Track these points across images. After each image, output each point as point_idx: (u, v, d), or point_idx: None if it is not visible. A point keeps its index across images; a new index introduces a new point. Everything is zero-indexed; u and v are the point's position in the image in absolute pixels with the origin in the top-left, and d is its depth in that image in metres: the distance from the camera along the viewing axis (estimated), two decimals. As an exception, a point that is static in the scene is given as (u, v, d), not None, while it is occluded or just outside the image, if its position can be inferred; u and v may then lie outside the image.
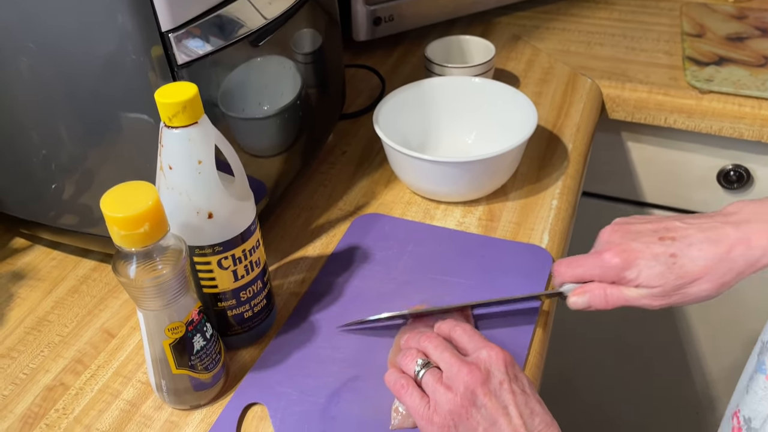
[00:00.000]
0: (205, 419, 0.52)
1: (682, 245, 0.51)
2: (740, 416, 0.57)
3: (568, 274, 0.55)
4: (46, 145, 0.58)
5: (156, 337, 0.48)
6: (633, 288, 0.52)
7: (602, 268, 0.53)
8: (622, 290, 0.53)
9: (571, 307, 0.55)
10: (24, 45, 0.52)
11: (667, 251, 0.51)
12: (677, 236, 0.52)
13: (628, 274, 0.52)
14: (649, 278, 0.51)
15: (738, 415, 0.57)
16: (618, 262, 0.52)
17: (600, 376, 1.23)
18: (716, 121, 0.85)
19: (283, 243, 0.68)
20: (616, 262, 0.52)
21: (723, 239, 0.51)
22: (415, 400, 0.48)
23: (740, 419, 0.57)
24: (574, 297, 0.54)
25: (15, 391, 0.55)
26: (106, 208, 0.42)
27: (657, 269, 0.51)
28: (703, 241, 0.51)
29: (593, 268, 0.53)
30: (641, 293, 0.52)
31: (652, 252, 0.51)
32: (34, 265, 0.67)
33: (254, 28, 0.57)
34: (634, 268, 0.52)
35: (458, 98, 0.77)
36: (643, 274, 0.51)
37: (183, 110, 0.45)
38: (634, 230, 0.54)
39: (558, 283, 0.56)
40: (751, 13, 1.01)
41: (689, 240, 0.51)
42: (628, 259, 0.52)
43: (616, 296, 0.53)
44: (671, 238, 0.52)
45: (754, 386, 0.55)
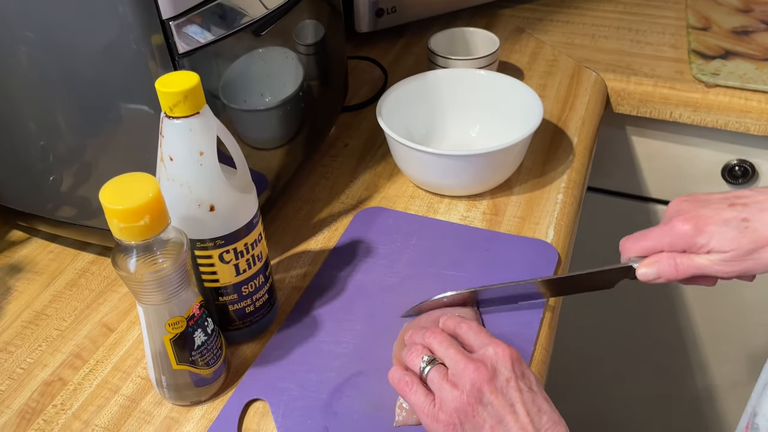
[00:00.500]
0: (205, 415, 0.51)
1: (753, 210, 0.50)
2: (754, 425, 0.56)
3: (635, 248, 0.53)
4: (45, 135, 0.57)
5: (156, 332, 0.47)
6: (704, 255, 0.50)
7: (672, 236, 0.51)
8: (692, 258, 0.51)
9: (640, 279, 0.53)
10: (23, 34, 0.51)
11: (738, 216, 0.50)
12: (749, 202, 0.50)
13: (699, 240, 0.50)
14: (721, 243, 0.49)
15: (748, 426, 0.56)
16: (688, 228, 0.50)
17: (600, 375, 1.23)
18: (722, 116, 0.84)
19: (284, 236, 0.67)
20: (686, 228, 0.50)
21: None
22: (420, 398, 0.47)
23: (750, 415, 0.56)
24: (644, 268, 0.52)
25: (12, 386, 0.54)
26: (106, 200, 0.41)
27: (729, 234, 0.49)
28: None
29: (662, 237, 0.52)
30: (713, 259, 0.50)
31: (723, 217, 0.50)
32: (32, 258, 0.66)
33: (256, 17, 0.56)
34: (705, 234, 0.50)
35: (462, 91, 0.76)
36: (715, 239, 0.49)
37: (184, 100, 0.44)
38: (703, 198, 0.52)
39: (625, 259, 0.54)
40: (757, 6, 1.00)
41: (761, 205, 0.50)
42: (698, 225, 0.50)
43: (687, 264, 0.51)
44: (742, 204, 0.50)
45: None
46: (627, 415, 1.27)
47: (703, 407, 1.19)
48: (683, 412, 1.22)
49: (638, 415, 1.26)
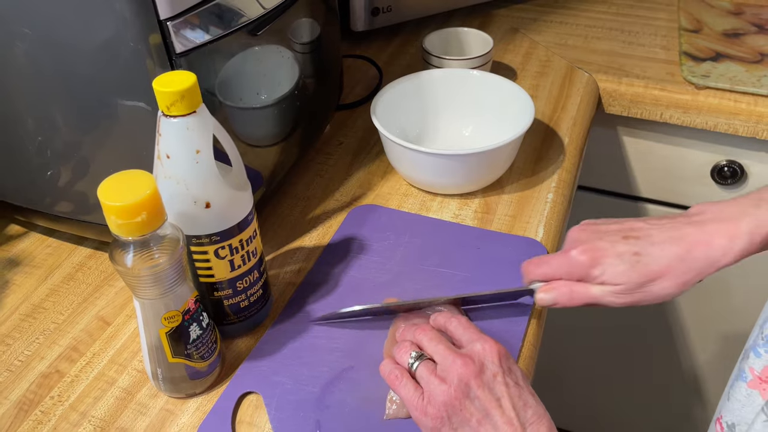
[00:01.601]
0: (200, 407, 0.52)
1: (645, 244, 0.52)
2: (723, 422, 0.58)
3: (536, 273, 0.56)
4: (42, 132, 0.57)
5: (152, 325, 0.48)
6: (598, 285, 0.53)
7: (569, 265, 0.54)
8: (587, 287, 0.53)
9: (537, 303, 0.55)
10: (20, 31, 0.52)
11: (630, 250, 0.52)
12: (641, 236, 0.53)
13: (593, 272, 0.53)
14: (614, 276, 0.52)
15: (720, 422, 0.58)
16: (584, 259, 0.53)
17: (589, 375, 1.24)
18: (712, 117, 0.86)
19: (279, 233, 0.68)
20: (582, 259, 0.53)
21: (684, 239, 0.52)
22: (409, 392, 0.48)
23: (723, 425, 0.57)
24: (541, 294, 0.55)
25: (10, 377, 0.55)
26: (104, 197, 0.42)
27: (621, 267, 0.52)
28: (665, 241, 0.52)
29: (560, 266, 0.54)
30: (605, 290, 0.53)
31: (616, 250, 0.52)
32: (29, 252, 0.67)
33: (253, 17, 0.57)
34: (599, 266, 0.52)
35: (456, 90, 0.77)
36: (608, 271, 0.52)
37: (181, 99, 0.45)
38: (600, 230, 0.55)
39: (527, 281, 0.57)
40: (748, 9, 1.01)
41: (652, 239, 0.52)
42: (594, 256, 0.53)
43: (582, 293, 0.54)
44: (635, 237, 0.53)
45: (736, 393, 0.55)
46: (614, 408, 1.29)
47: (690, 402, 1.21)
48: (670, 407, 1.24)
49: (625, 409, 1.28)
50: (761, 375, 0.54)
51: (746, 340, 0.58)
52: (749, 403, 0.55)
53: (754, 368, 0.54)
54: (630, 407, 1.27)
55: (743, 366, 0.56)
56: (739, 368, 0.57)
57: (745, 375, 0.55)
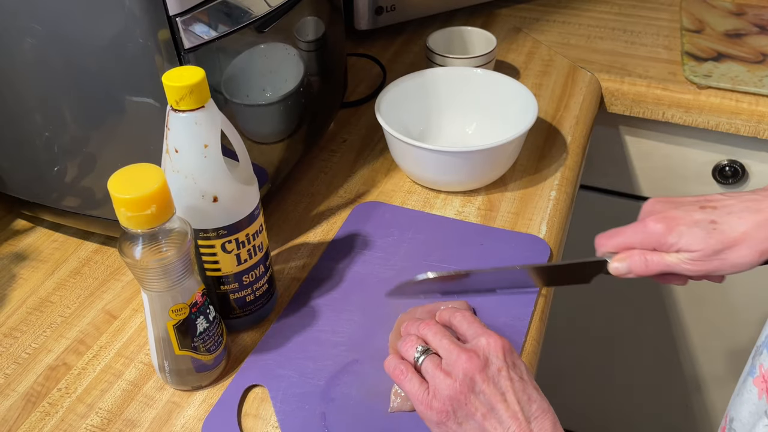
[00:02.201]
0: (206, 400, 0.53)
1: (722, 213, 0.52)
2: (728, 417, 0.58)
3: (609, 244, 0.55)
4: (50, 127, 0.58)
5: (160, 318, 0.49)
6: (674, 253, 0.53)
7: (644, 233, 0.53)
8: (662, 255, 0.53)
9: (612, 273, 0.55)
10: (30, 26, 0.52)
11: (707, 218, 0.52)
12: (718, 205, 0.53)
13: (669, 239, 0.52)
14: (690, 242, 0.52)
15: (727, 416, 0.58)
16: (660, 227, 0.53)
17: (591, 374, 1.25)
18: (713, 117, 0.86)
19: (284, 229, 0.68)
20: (658, 227, 0.53)
21: (763, 209, 0.52)
22: (414, 386, 0.48)
23: (727, 419, 0.58)
24: (616, 263, 0.54)
25: (17, 370, 0.56)
26: (114, 190, 0.43)
27: (698, 234, 0.52)
28: (743, 210, 0.52)
29: (635, 234, 0.54)
30: (681, 258, 0.52)
31: (692, 218, 0.52)
32: (36, 247, 0.67)
33: (259, 14, 0.57)
34: (674, 233, 0.52)
35: (460, 89, 0.78)
36: (684, 238, 0.52)
37: (190, 94, 0.45)
38: (676, 201, 0.55)
39: (600, 253, 0.56)
40: (750, 10, 1.02)
41: (729, 209, 0.52)
42: (670, 225, 0.52)
43: (657, 261, 0.53)
44: (712, 207, 0.53)
45: (743, 389, 0.56)
46: (616, 409, 1.29)
47: (691, 401, 1.21)
48: (672, 406, 1.24)
49: (628, 409, 1.28)
50: (765, 373, 0.54)
51: (747, 340, 0.58)
52: (748, 400, 0.55)
53: (764, 365, 0.54)
54: (631, 407, 1.27)
55: (755, 362, 0.56)
56: (751, 364, 0.57)
57: (755, 371, 0.55)
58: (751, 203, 0.52)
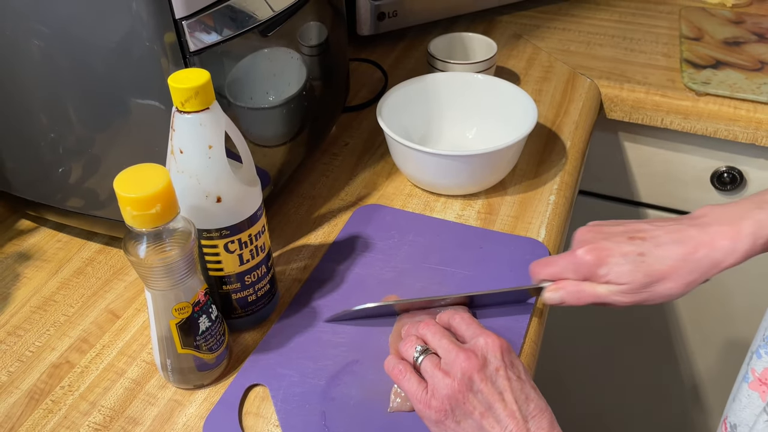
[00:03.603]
0: (208, 398, 0.53)
1: (650, 245, 0.54)
2: (728, 423, 0.58)
3: (543, 273, 0.57)
4: (56, 128, 0.59)
5: (163, 316, 0.49)
6: (604, 285, 0.54)
7: (576, 264, 0.55)
8: (594, 286, 0.55)
9: (545, 302, 0.57)
10: (37, 28, 0.53)
11: (636, 250, 0.53)
12: (646, 237, 0.54)
13: (599, 271, 0.54)
14: (619, 275, 0.53)
15: (726, 423, 0.59)
16: (590, 259, 0.54)
17: (591, 378, 1.25)
18: (711, 123, 0.87)
19: (285, 230, 0.69)
20: (588, 258, 0.54)
21: (688, 240, 0.53)
22: (413, 385, 0.49)
23: (727, 426, 0.58)
24: (549, 293, 0.56)
25: (21, 368, 0.56)
26: (120, 189, 0.44)
27: (626, 267, 0.53)
28: (669, 242, 0.53)
29: (567, 266, 0.55)
30: (611, 290, 0.54)
31: (621, 250, 0.54)
32: (40, 247, 0.68)
33: (263, 18, 0.58)
34: (605, 266, 0.54)
35: (460, 94, 0.79)
36: (613, 271, 0.53)
37: (195, 95, 0.46)
38: (606, 231, 0.56)
39: (535, 281, 0.58)
40: (748, 18, 1.03)
41: (657, 240, 0.54)
42: (600, 256, 0.54)
43: (589, 292, 0.55)
44: (641, 238, 0.54)
45: (740, 394, 0.56)
46: (614, 411, 1.30)
47: (690, 403, 1.22)
48: (669, 409, 1.25)
49: (625, 411, 1.28)
50: (761, 377, 0.54)
51: (746, 342, 0.59)
52: (749, 405, 0.55)
53: (756, 369, 0.55)
54: (630, 409, 1.28)
55: (747, 367, 0.57)
56: (744, 369, 0.58)
57: (748, 376, 0.56)
58: (677, 234, 0.54)
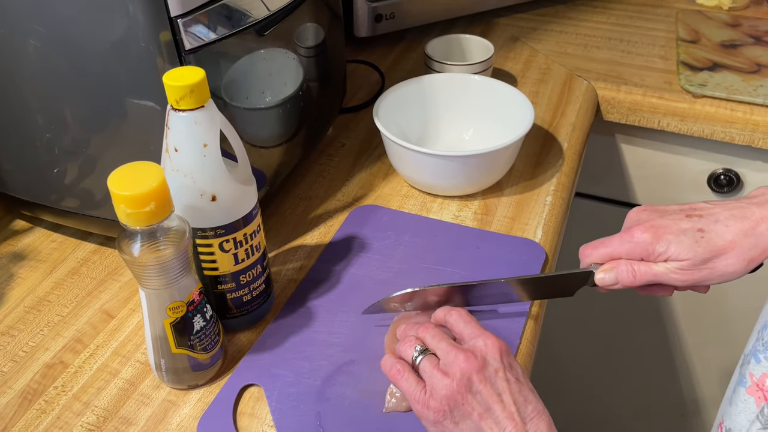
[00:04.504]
0: (202, 399, 0.53)
1: (708, 221, 0.52)
2: (723, 427, 0.58)
3: (594, 254, 0.55)
4: (51, 128, 0.58)
5: (157, 315, 0.49)
6: (662, 263, 0.52)
7: (631, 243, 0.53)
8: (650, 265, 0.53)
9: (598, 283, 0.54)
10: (33, 28, 0.53)
11: (694, 226, 0.52)
12: (704, 214, 0.53)
13: (657, 248, 0.52)
14: (678, 251, 0.51)
15: (722, 427, 0.58)
16: (647, 237, 0.52)
17: (588, 381, 1.25)
18: (708, 125, 0.87)
19: (281, 231, 0.69)
20: (645, 237, 0.52)
21: (748, 216, 0.52)
22: (411, 385, 0.49)
23: (723, 429, 0.58)
24: (602, 273, 0.54)
25: (14, 368, 0.56)
26: (114, 186, 0.43)
27: (686, 242, 0.51)
28: (729, 218, 0.52)
29: (621, 245, 0.53)
30: (670, 267, 0.52)
31: (680, 227, 0.52)
32: (35, 247, 0.68)
33: (259, 18, 0.58)
34: (662, 242, 0.52)
35: (457, 95, 0.79)
36: (672, 247, 0.52)
37: (190, 93, 0.46)
38: (661, 209, 0.55)
39: (585, 264, 0.56)
40: (745, 21, 1.03)
41: (716, 217, 0.52)
42: (657, 233, 0.52)
43: (644, 271, 0.53)
44: (698, 215, 0.53)
45: (736, 398, 0.56)
46: (611, 413, 1.29)
47: (687, 406, 1.21)
48: (666, 411, 1.24)
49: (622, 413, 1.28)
50: (759, 382, 0.54)
51: (743, 345, 0.58)
52: (745, 409, 0.55)
53: (754, 374, 0.55)
54: (627, 412, 1.27)
55: (744, 371, 0.56)
56: (740, 373, 0.57)
57: (745, 380, 0.56)
58: (737, 211, 0.53)
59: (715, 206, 0.54)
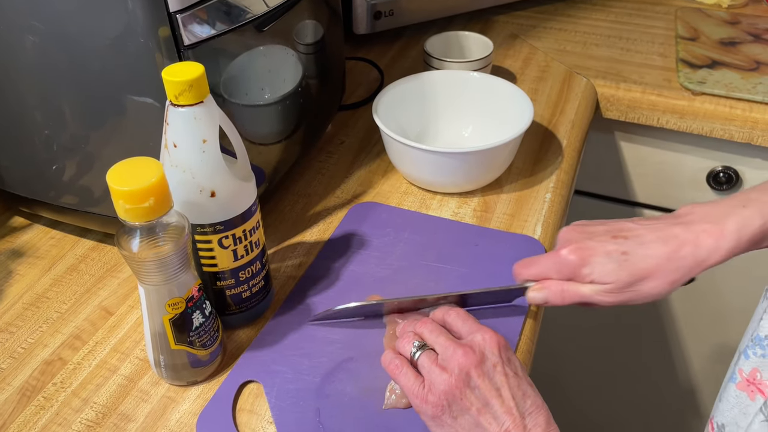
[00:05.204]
0: (201, 395, 0.53)
1: (633, 244, 0.53)
2: (714, 423, 0.58)
3: (527, 273, 0.56)
4: (50, 124, 0.58)
5: (156, 312, 0.49)
6: (588, 284, 0.54)
7: (559, 264, 0.54)
8: (578, 286, 0.54)
9: (529, 302, 0.56)
10: (31, 24, 0.53)
11: (619, 249, 0.53)
12: (629, 236, 0.54)
13: (583, 271, 0.53)
14: (603, 275, 0.53)
15: (713, 422, 0.59)
16: (574, 258, 0.53)
17: (586, 379, 1.25)
18: (707, 123, 0.87)
19: (280, 228, 0.69)
20: (572, 258, 0.54)
21: (672, 239, 0.53)
22: (410, 380, 0.49)
23: (714, 426, 0.58)
24: (532, 292, 0.55)
25: (13, 364, 0.56)
26: (113, 182, 0.43)
27: (610, 266, 0.52)
28: (653, 241, 0.53)
29: (551, 266, 0.55)
30: (595, 289, 0.53)
31: (605, 249, 0.53)
32: (33, 243, 0.67)
33: (257, 14, 0.58)
34: (588, 265, 0.53)
35: (457, 92, 0.79)
36: (597, 270, 0.53)
37: (189, 89, 0.46)
38: (589, 230, 0.56)
39: (519, 282, 0.57)
40: (744, 19, 1.03)
41: (640, 239, 0.53)
42: (583, 255, 0.53)
43: (572, 292, 0.54)
44: (624, 237, 0.54)
45: (726, 395, 0.56)
46: (609, 411, 1.29)
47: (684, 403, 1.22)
48: (663, 409, 1.24)
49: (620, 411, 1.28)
50: (749, 377, 0.54)
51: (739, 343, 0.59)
52: (737, 405, 0.55)
53: (743, 370, 0.55)
54: (625, 409, 1.27)
55: (734, 369, 0.57)
56: (731, 370, 0.58)
57: (735, 377, 0.56)
58: (661, 232, 0.53)
59: (642, 227, 0.54)
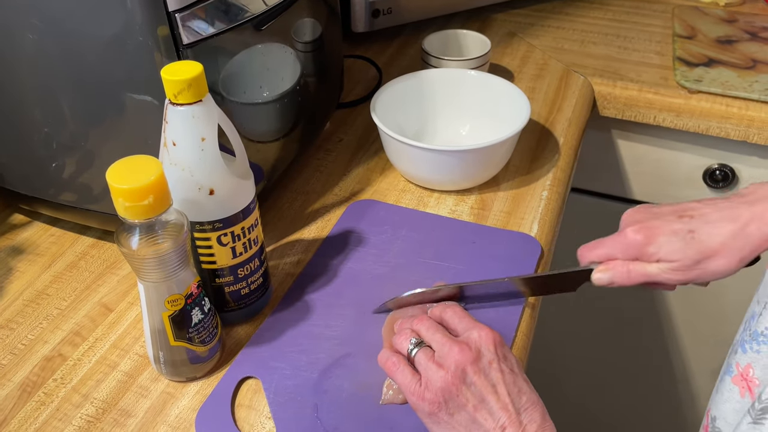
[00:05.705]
0: (200, 391, 0.53)
1: (699, 222, 0.53)
2: (710, 415, 0.59)
3: (592, 255, 0.56)
4: (49, 122, 0.59)
5: (156, 308, 0.49)
6: (654, 263, 0.54)
7: (624, 244, 0.54)
8: (644, 266, 0.54)
9: (595, 283, 0.56)
10: (30, 22, 0.53)
11: (685, 228, 0.53)
12: (695, 215, 0.54)
13: (649, 249, 0.53)
14: (669, 253, 0.53)
15: (709, 414, 0.59)
16: (640, 238, 0.53)
17: (583, 375, 1.26)
18: (704, 121, 0.87)
19: (279, 225, 0.69)
20: (638, 238, 0.54)
21: (738, 217, 0.53)
22: (406, 378, 0.49)
23: (709, 418, 0.59)
24: (598, 273, 0.55)
25: (13, 360, 0.56)
26: (112, 180, 0.44)
27: (677, 244, 0.53)
28: (719, 219, 0.53)
29: (615, 245, 0.55)
30: (662, 267, 0.53)
31: (671, 228, 0.53)
32: (33, 241, 0.68)
33: (256, 12, 0.58)
34: (654, 244, 0.53)
35: (454, 90, 0.79)
36: (664, 248, 0.53)
37: (188, 87, 0.46)
38: (654, 210, 0.56)
39: (583, 264, 0.57)
40: (741, 17, 1.03)
41: (706, 218, 0.53)
42: (649, 234, 0.53)
43: (638, 271, 0.54)
44: (689, 216, 0.54)
45: (722, 387, 0.57)
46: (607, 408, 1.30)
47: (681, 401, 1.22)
48: (662, 405, 1.25)
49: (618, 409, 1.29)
50: (743, 372, 0.55)
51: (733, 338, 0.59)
52: (730, 398, 0.56)
53: (740, 363, 0.55)
54: (622, 405, 1.28)
55: (731, 360, 0.57)
56: (727, 363, 0.58)
57: (732, 369, 0.56)
58: (728, 211, 0.53)
59: (707, 206, 0.55)
